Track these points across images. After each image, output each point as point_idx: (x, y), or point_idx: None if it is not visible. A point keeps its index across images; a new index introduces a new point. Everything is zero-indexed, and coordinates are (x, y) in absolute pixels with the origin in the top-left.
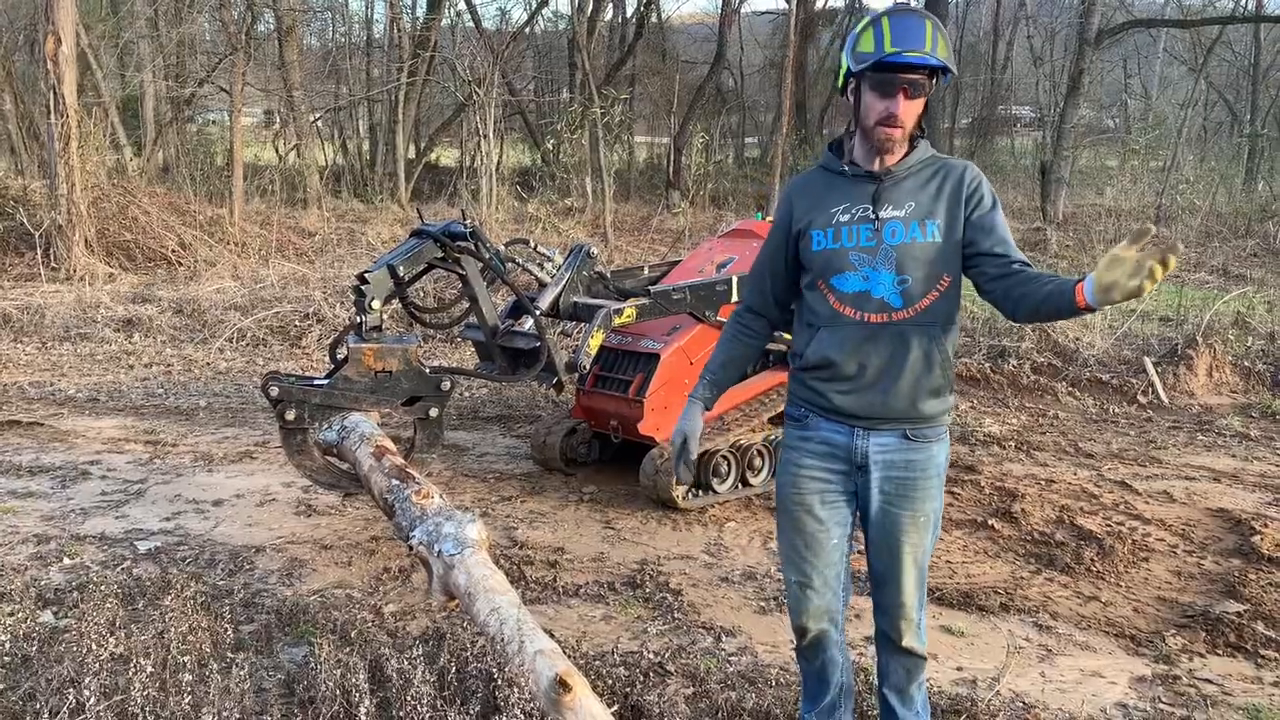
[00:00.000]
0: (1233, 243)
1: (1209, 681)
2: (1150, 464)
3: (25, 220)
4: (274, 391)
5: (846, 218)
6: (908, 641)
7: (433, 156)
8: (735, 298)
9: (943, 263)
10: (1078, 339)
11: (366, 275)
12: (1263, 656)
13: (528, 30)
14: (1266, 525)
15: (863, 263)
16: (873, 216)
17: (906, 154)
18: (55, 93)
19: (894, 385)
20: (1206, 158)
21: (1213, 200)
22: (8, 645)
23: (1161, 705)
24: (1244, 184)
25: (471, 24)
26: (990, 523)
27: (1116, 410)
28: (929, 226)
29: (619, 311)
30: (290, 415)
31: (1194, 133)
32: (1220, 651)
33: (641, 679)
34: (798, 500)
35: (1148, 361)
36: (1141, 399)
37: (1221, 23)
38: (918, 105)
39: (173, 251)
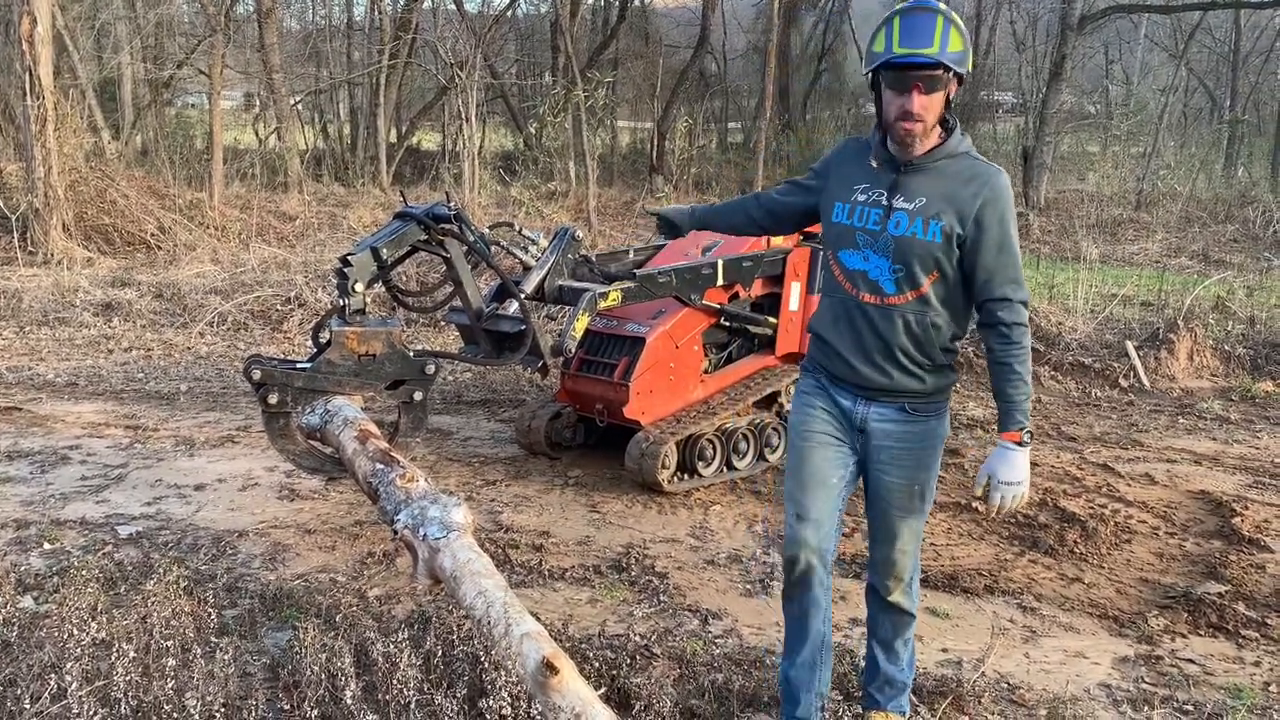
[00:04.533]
0: (1212, 228)
1: (1191, 661)
2: (1132, 447)
3: (1, 204)
4: (256, 375)
5: (864, 198)
6: (895, 597)
7: (414, 140)
8: (721, 281)
9: (940, 260)
10: (1060, 323)
11: (349, 258)
12: (1244, 636)
13: (510, 13)
14: (1247, 507)
15: (866, 244)
16: (885, 203)
17: (939, 144)
18: (31, 75)
19: (885, 363)
20: (1187, 144)
21: (1193, 186)
22: None
23: (1144, 685)
24: (1224, 170)
25: (453, 6)
26: (974, 505)
27: (1099, 394)
28: (932, 226)
29: (604, 295)
30: (273, 399)
31: (1174, 119)
32: (1202, 632)
33: (628, 661)
34: (805, 439)
35: (1129, 345)
36: (1123, 383)
37: (1203, 8)
38: (937, 99)
39: (152, 235)
